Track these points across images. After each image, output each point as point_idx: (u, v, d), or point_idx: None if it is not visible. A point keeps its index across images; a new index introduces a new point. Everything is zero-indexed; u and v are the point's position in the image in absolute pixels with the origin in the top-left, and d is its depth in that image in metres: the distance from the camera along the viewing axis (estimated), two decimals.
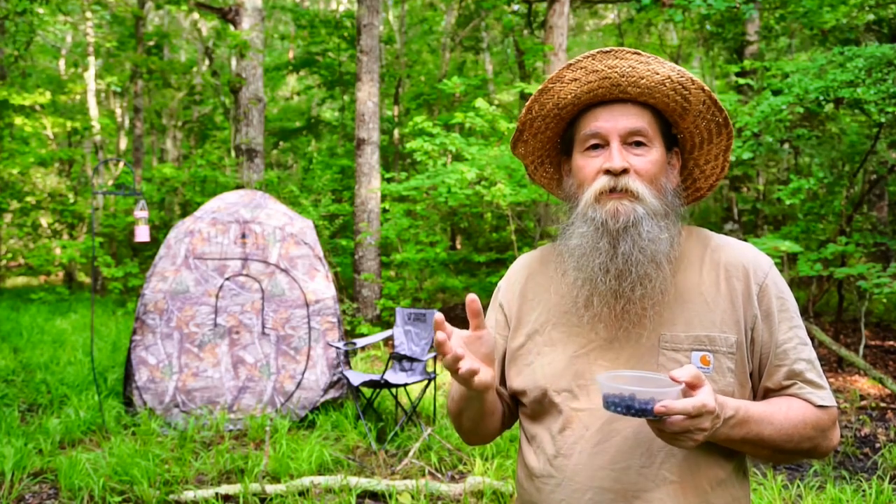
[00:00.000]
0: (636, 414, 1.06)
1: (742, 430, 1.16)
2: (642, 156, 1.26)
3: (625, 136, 1.26)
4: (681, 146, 1.36)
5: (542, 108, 1.32)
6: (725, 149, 1.33)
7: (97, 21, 16.07)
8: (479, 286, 9.99)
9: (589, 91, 1.26)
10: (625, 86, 1.24)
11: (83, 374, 6.31)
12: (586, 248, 1.26)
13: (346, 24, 13.95)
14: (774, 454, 1.23)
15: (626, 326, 1.27)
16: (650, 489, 1.22)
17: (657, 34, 14.67)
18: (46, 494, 4.01)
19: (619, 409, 1.07)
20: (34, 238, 15.89)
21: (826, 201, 8.54)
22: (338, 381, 5.46)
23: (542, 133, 1.37)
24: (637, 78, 1.23)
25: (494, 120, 7.76)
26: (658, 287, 1.24)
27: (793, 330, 1.28)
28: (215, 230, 5.57)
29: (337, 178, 11.76)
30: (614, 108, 1.27)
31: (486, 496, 3.80)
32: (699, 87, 1.24)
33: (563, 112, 1.31)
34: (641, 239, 1.23)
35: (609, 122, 1.26)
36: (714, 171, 1.38)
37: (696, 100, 1.26)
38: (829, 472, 4.19)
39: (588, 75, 1.25)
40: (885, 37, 8.59)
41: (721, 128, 1.30)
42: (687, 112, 1.28)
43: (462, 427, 1.39)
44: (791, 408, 1.23)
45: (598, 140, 1.28)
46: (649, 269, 1.23)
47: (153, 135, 20.20)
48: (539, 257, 1.45)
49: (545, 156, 1.42)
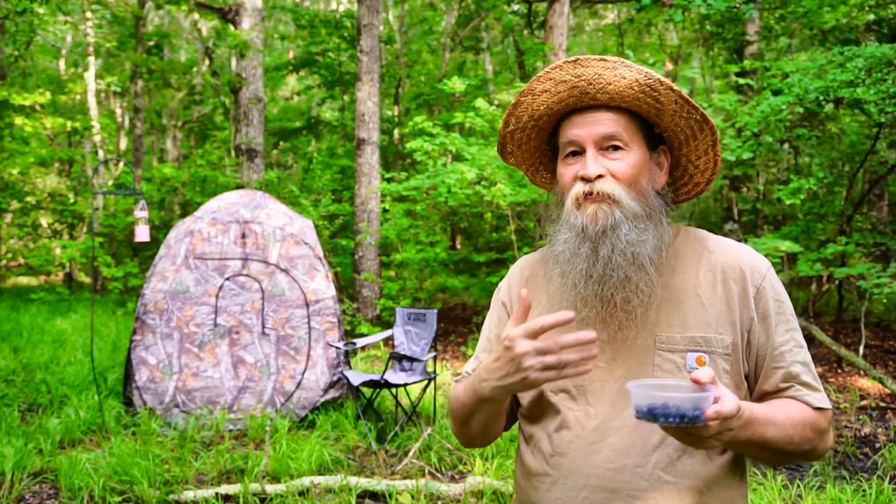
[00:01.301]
0: (689, 422, 1.04)
1: (748, 432, 1.15)
2: (619, 160, 1.27)
3: (599, 142, 1.27)
4: (669, 143, 1.36)
5: (519, 122, 1.35)
6: (713, 143, 1.34)
7: (97, 21, 16.07)
8: (479, 286, 10.00)
9: (559, 101, 1.29)
10: (593, 93, 1.26)
11: (83, 374, 6.31)
12: (569, 253, 1.28)
13: (346, 24, 13.95)
14: (775, 456, 1.23)
15: (617, 329, 1.28)
16: (645, 488, 1.23)
17: (657, 34, 14.67)
18: (46, 494, 4.01)
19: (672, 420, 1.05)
20: (34, 238, 15.89)
21: (826, 201, 8.54)
22: (338, 381, 5.46)
23: (526, 143, 1.40)
24: (604, 84, 1.24)
25: (494, 120, 7.76)
26: (642, 289, 1.25)
27: (789, 333, 1.28)
28: (215, 230, 5.57)
29: (337, 178, 11.77)
30: (588, 115, 1.29)
31: (486, 496, 3.80)
32: (668, 88, 1.24)
33: (540, 122, 1.34)
34: (620, 242, 1.24)
35: (583, 129, 1.28)
36: (708, 166, 1.38)
37: (667, 100, 1.26)
38: (829, 472, 4.19)
39: (557, 86, 1.27)
40: (885, 37, 8.59)
41: (702, 124, 1.30)
42: (662, 112, 1.28)
43: (469, 431, 1.38)
44: (791, 409, 1.23)
45: (575, 147, 1.29)
46: (630, 271, 1.24)
47: (153, 135, 20.21)
48: (538, 259, 1.46)
49: (537, 163, 1.45)
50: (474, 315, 10.09)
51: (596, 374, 1.28)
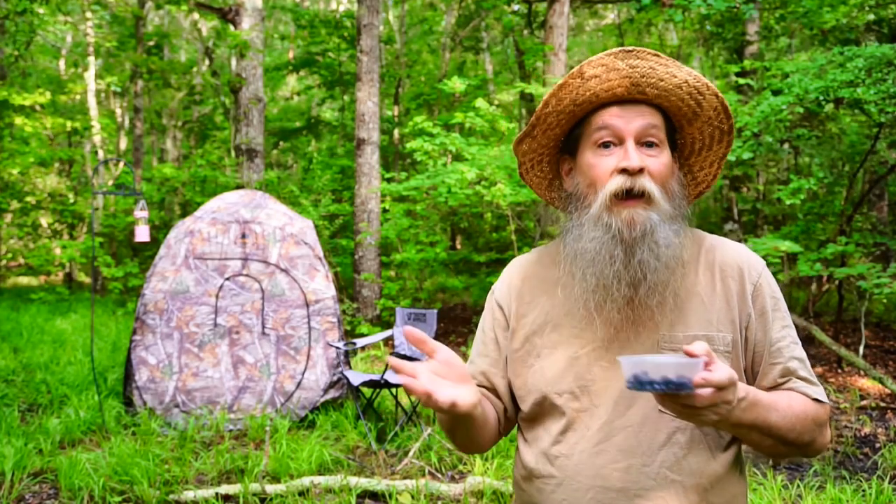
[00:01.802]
0: (674, 388, 1.02)
1: (752, 414, 1.14)
2: (655, 157, 1.25)
3: (639, 136, 1.25)
4: (679, 151, 1.36)
5: (560, 104, 1.29)
6: (722, 156, 1.34)
7: (97, 21, 16.07)
8: (479, 286, 10.00)
9: (608, 89, 1.25)
10: (644, 86, 1.24)
11: (83, 374, 6.30)
12: (600, 254, 1.25)
13: (346, 24, 13.95)
14: (778, 444, 1.22)
15: (629, 328, 1.28)
16: (651, 487, 1.23)
17: (657, 34, 14.68)
18: (46, 494, 4.01)
19: (657, 386, 1.03)
20: (34, 238, 15.89)
21: (826, 201, 8.54)
22: (338, 381, 5.46)
23: (552, 129, 1.34)
24: (657, 80, 1.23)
25: (494, 120, 7.76)
26: (671, 291, 1.25)
27: (785, 329, 1.30)
28: (215, 230, 5.57)
29: (337, 178, 11.77)
30: (629, 107, 1.26)
31: (486, 496, 3.80)
32: (713, 94, 1.24)
33: (578, 109, 1.29)
34: (658, 246, 1.23)
35: (625, 120, 1.25)
36: (706, 179, 1.39)
37: (708, 105, 1.26)
38: (829, 472, 4.19)
39: (609, 73, 1.24)
40: (885, 37, 8.59)
41: (724, 135, 1.31)
42: (697, 117, 1.28)
43: (456, 441, 1.37)
44: (793, 398, 1.24)
45: (611, 137, 1.26)
46: (664, 275, 1.24)
47: (153, 135, 20.21)
48: (535, 259, 1.45)
49: (546, 153, 1.40)
50: (474, 315, 10.09)
51: (599, 374, 1.28)
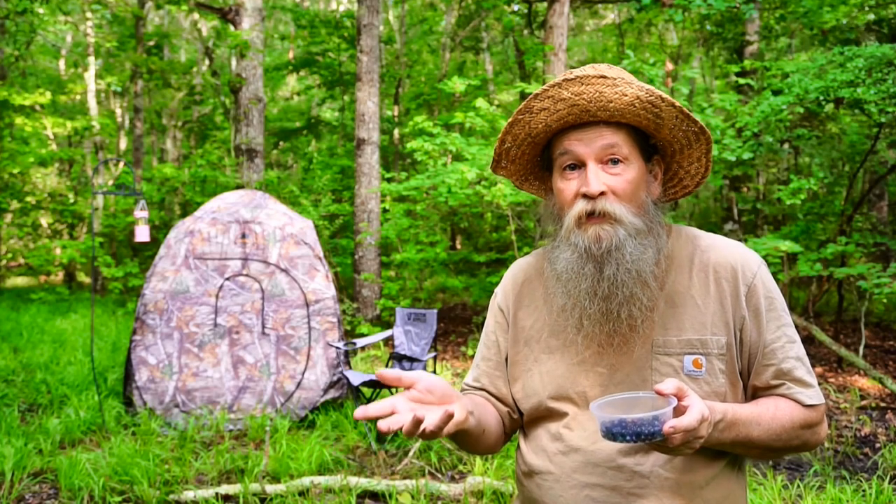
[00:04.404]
0: (646, 439, 1.06)
1: (731, 434, 1.19)
2: (619, 175, 1.26)
3: (600, 157, 1.26)
4: (662, 152, 1.37)
5: (515, 140, 1.34)
6: (706, 151, 1.35)
7: (97, 21, 16.08)
8: (479, 286, 9.99)
9: (559, 119, 1.27)
10: (594, 111, 1.24)
11: (83, 374, 6.31)
12: (572, 273, 1.27)
13: (346, 24, 13.95)
14: (764, 452, 1.27)
15: (619, 339, 1.29)
16: (645, 486, 1.25)
17: (657, 34, 14.68)
18: (46, 494, 4.01)
19: (629, 438, 1.07)
20: (34, 238, 15.89)
21: (826, 201, 8.54)
22: (338, 380, 5.46)
23: (520, 158, 1.39)
24: (605, 102, 1.23)
25: (494, 120, 7.76)
26: (646, 304, 1.26)
27: (780, 329, 1.29)
28: (215, 230, 5.57)
29: (337, 178, 11.77)
30: (588, 129, 1.27)
31: (486, 496, 3.80)
32: (669, 104, 1.24)
33: (536, 139, 1.33)
34: (626, 261, 1.24)
35: (583, 143, 1.27)
36: (699, 171, 1.39)
37: (667, 115, 1.26)
38: (829, 472, 4.19)
39: (556, 104, 1.25)
40: (885, 37, 8.59)
41: (699, 135, 1.31)
42: (661, 126, 1.29)
43: (462, 447, 1.39)
44: (779, 408, 1.25)
45: (573, 160, 1.28)
46: (635, 288, 1.25)
47: (153, 135, 20.20)
48: (534, 262, 1.47)
49: (527, 174, 1.44)
50: (474, 315, 10.09)
51: (596, 380, 1.31)
